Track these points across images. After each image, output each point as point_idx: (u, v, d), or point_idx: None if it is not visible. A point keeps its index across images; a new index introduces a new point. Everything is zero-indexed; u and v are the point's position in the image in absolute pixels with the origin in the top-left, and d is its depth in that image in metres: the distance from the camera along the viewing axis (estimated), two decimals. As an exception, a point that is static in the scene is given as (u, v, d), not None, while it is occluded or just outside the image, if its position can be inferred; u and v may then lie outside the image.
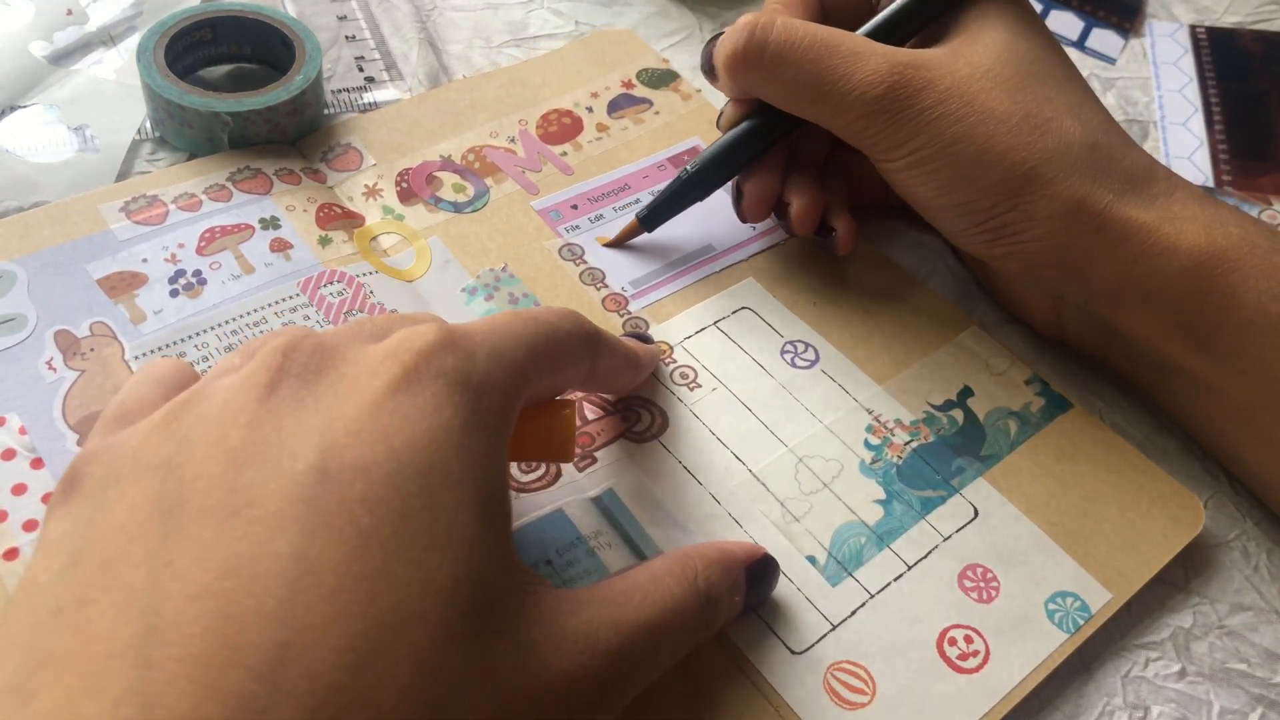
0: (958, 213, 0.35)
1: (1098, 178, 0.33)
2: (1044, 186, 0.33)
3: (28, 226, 0.36)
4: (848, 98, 0.34)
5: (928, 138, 0.34)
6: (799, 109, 0.36)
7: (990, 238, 0.35)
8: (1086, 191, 0.33)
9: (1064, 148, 0.33)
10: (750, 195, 0.38)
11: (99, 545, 0.20)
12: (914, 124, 0.34)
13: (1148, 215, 0.33)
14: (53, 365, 0.32)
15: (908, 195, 0.37)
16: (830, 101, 0.34)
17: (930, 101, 0.34)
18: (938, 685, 0.29)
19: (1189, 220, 0.33)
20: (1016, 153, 0.33)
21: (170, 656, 0.18)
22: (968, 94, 0.34)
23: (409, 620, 0.20)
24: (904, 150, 0.34)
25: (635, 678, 0.24)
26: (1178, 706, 0.31)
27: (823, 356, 0.37)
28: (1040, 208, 0.33)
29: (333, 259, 0.37)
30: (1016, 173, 0.33)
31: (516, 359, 0.25)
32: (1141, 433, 0.37)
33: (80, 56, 0.43)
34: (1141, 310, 0.34)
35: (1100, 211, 0.33)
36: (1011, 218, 0.34)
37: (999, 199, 0.34)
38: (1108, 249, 0.33)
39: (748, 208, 0.38)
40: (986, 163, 0.33)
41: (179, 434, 0.22)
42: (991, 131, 0.33)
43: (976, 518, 0.33)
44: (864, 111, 0.34)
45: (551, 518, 0.31)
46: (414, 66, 0.46)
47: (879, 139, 0.35)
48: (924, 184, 0.35)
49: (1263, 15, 0.56)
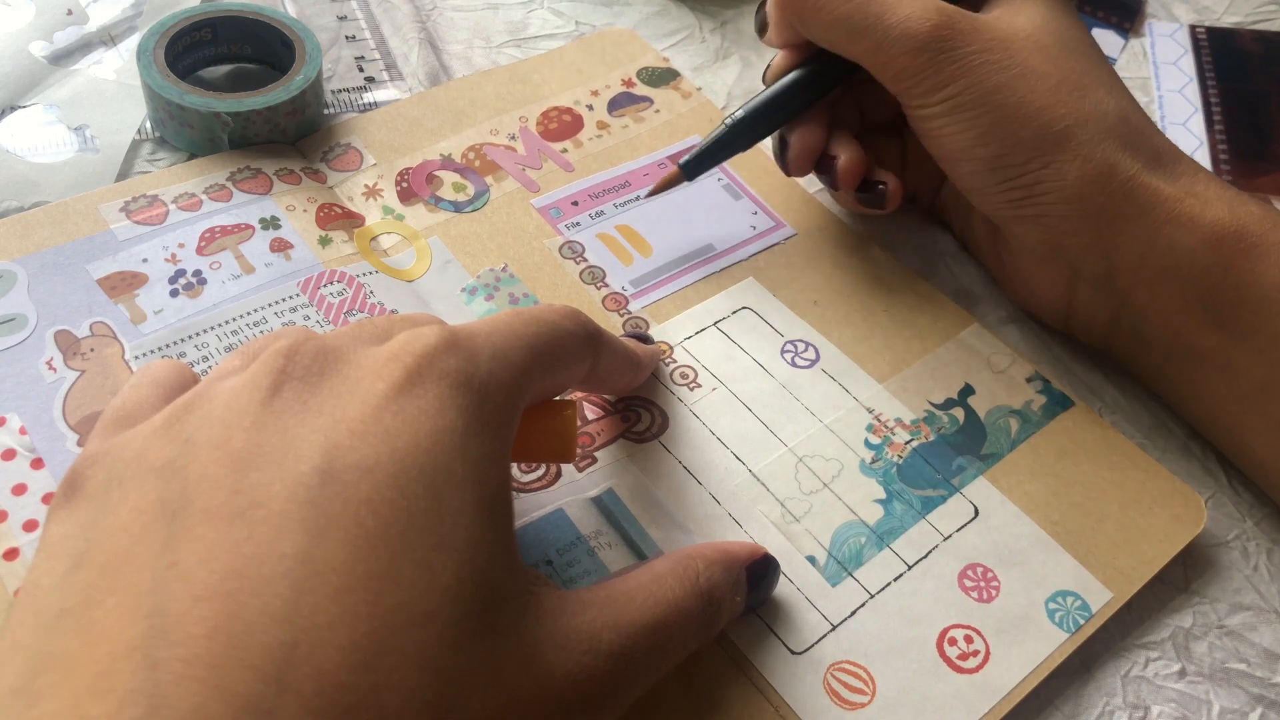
0: (990, 165, 0.35)
1: (1128, 147, 0.34)
2: (1078, 147, 0.34)
3: (28, 226, 0.36)
4: (892, 32, 0.34)
5: (969, 83, 0.34)
6: (842, 43, 0.36)
7: (1019, 195, 0.35)
8: (1118, 158, 0.34)
9: (1099, 114, 0.34)
10: (796, 146, 0.38)
11: (103, 547, 0.20)
12: (957, 66, 0.34)
13: (1173, 189, 0.34)
14: (53, 365, 0.32)
15: (940, 146, 0.36)
16: (874, 35, 0.34)
17: (976, 47, 0.34)
18: (937, 685, 0.29)
19: (1213, 198, 0.34)
20: (1054, 109, 0.34)
21: (176, 657, 0.18)
22: (1011, 48, 0.34)
23: (415, 620, 0.20)
24: (943, 94, 0.34)
25: (638, 678, 0.24)
26: (1178, 706, 0.31)
27: (823, 356, 0.37)
28: (1072, 168, 0.34)
29: (333, 259, 0.37)
30: (1052, 129, 0.34)
31: (519, 359, 0.25)
32: (1142, 431, 0.37)
33: (80, 56, 0.43)
34: (1160, 283, 0.34)
35: (1129, 179, 0.34)
36: (1044, 174, 0.34)
37: (1032, 154, 0.34)
38: (1133, 217, 0.34)
39: (793, 159, 0.38)
40: (1024, 116, 0.34)
41: (182, 436, 0.22)
42: (1031, 86, 0.34)
43: (977, 517, 0.33)
44: (908, 47, 0.34)
45: (551, 518, 0.31)
46: (414, 66, 0.46)
47: (919, 80, 0.35)
48: (959, 133, 0.35)
49: (1263, 15, 0.57)
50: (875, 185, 0.38)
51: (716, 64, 0.49)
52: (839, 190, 0.39)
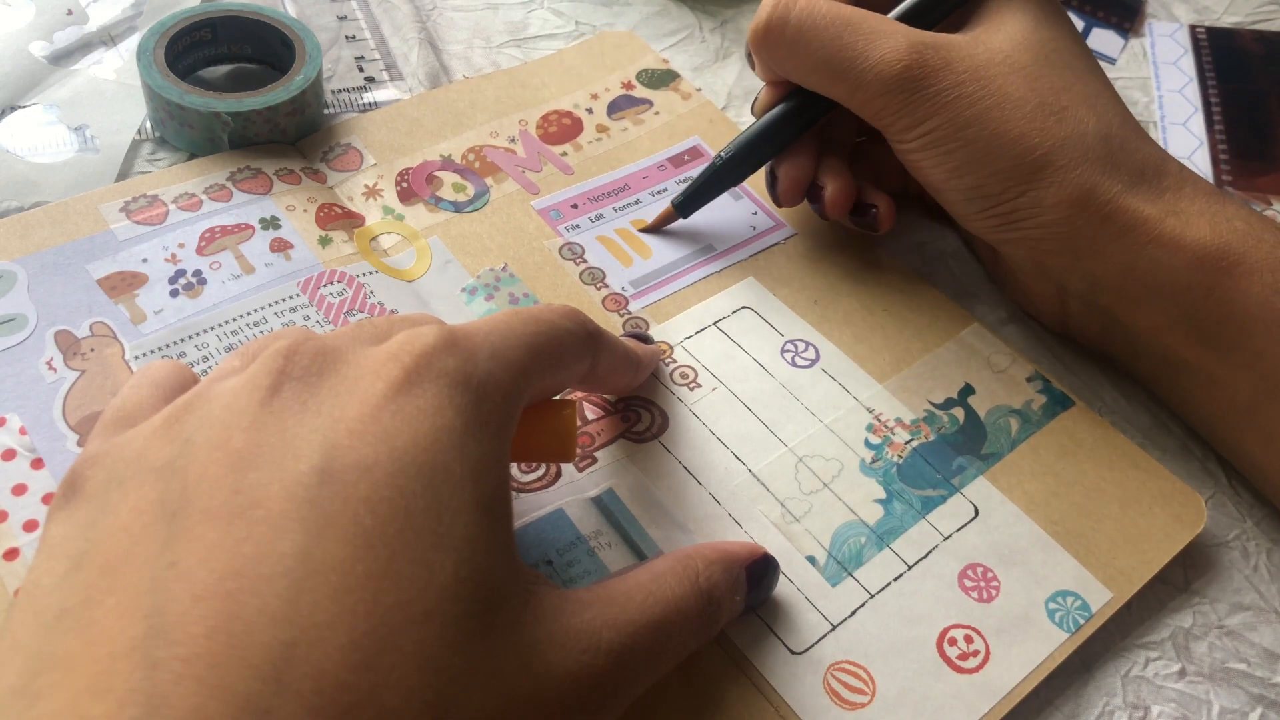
0: (968, 196, 0.36)
1: (1108, 169, 0.34)
2: (1055, 174, 0.34)
3: (28, 226, 0.36)
4: (866, 75, 0.34)
5: (943, 119, 0.34)
6: (820, 85, 0.36)
7: (999, 222, 0.36)
8: (1096, 181, 0.34)
9: (1077, 137, 0.34)
10: (785, 179, 0.39)
11: (102, 547, 0.20)
12: (930, 104, 0.34)
13: (1155, 208, 0.34)
14: (53, 365, 0.32)
15: (921, 177, 0.37)
16: (849, 78, 0.35)
17: (947, 83, 0.34)
18: (937, 685, 0.29)
19: (1196, 215, 0.34)
20: (1029, 139, 0.34)
21: (176, 656, 0.18)
22: (985, 78, 0.34)
23: (414, 619, 0.20)
24: (919, 131, 0.35)
25: (638, 677, 0.24)
26: (1178, 706, 0.31)
27: (823, 355, 0.37)
28: (1049, 194, 0.34)
29: (333, 259, 0.37)
30: (1028, 158, 0.34)
31: (518, 358, 0.25)
32: (1142, 431, 0.37)
33: (80, 56, 0.43)
34: (1145, 302, 0.34)
35: (1108, 201, 0.34)
36: (1021, 203, 0.34)
37: (1009, 184, 0.34)
38: (1113, 239, 0.34)
39: (783, 192, 0.39)
40: (999, 147, 0.34)
41: (181, 436, 0.22)
42: (1006, 116, 0.34)
43: (977, 517, 0.33)
44: (881, 89, 0.34)
45: (551, 518, 0.31)
46: (414, 66, 0.46)
47: (895, 118, 0.35)
48: (937, 166, 0.36)
49: (1263, 15, 0.56)
50: (868, 209, 0.39)
51: (716, 64, 0.49)
52: (828, 220, 0.40)
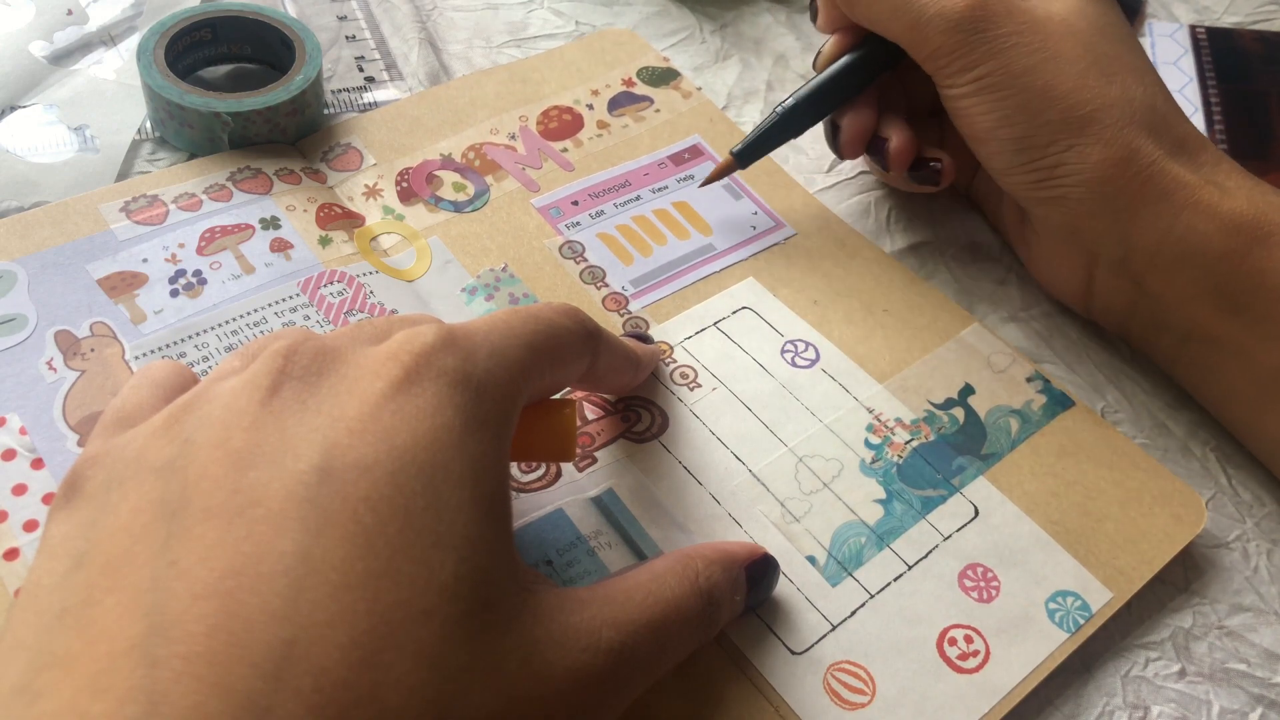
0: (1014, 147, 0.36)
1: (1152, 134, 0.35)
2: (1101, 130, 0.34)
3: (28, 226, 0.36)
4: (928, 10, 0.35)
5: (998, 64, 0.35)
6: (884, 22, 0.37)
7: (1040, 177, 0.36)
8: (1140, 144, 0.34)
9: (1125, 100, 0.35)
10: (848, 130, 0.39)
11: (103, 547, 0.21)
12: (987, 48, 0.35)
13: (1194, 176, 0.34)
14: (53, 365, 0.32)
15: (967, 126, 0.38)
16: (912, 13, 0.36)
17: (1007, 29, 0.35)
18: (937, 685, 0.29)
19: (1234, 188, 0.34)
20: (1080, 93, 0.35)
21: (176, 655, 0.18)
22: (1043, 32, 0.35)
23: (414, 617, 0.20)
24: (974, 74, 0.36)
25: (637, 677, 0.24)
26: (1178, 706, 0.31)
27: (823, 355, 0.37)
28: (1094, 151, 0.34)
29: (333, 259, 0.37)
30: (1077, 113, 0.35)
31: (517, 357, 0.25)
32: (1142, 431, 0.37)
33: (80, 56, 0.43)
34: (1176, 269, 0.35)
35: (1150, 164, 0.34)
36: (1065, 157, 0.35)
37: (1056, 137, 0.35)
38: (1152, 202, 0.34)
39: (846, 142, 0.40)
40: (1050, 99, 0.35)
41: (182, 436, 0.22)
42: (1060, 69, 0.35)
43: (977, 517, 0.33)
44: (943, 27, 0.35)
45: (551, 518, 0.31)
46: (414, 66, 0.46)
47: (951, 58, 0.36)
48: (987, 113, 0.36)
49: (1263, 15, 0.57)
50: (928, 163, 0.40)
51: (716, 64, 0.49)
52: (890, 171, 0.40)
